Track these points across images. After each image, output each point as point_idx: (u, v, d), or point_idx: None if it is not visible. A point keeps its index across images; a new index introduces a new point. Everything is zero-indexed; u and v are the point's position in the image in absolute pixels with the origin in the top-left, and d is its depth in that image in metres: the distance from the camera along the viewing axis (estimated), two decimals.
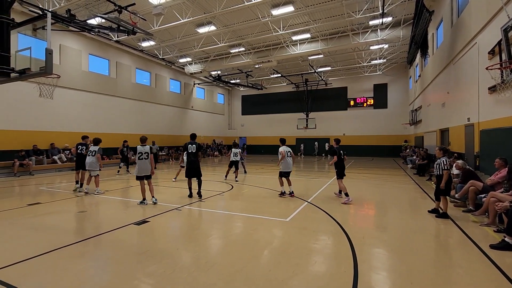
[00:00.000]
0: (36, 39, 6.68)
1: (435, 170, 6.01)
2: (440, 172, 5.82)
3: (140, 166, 6.98)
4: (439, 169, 5.85)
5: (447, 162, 5.80)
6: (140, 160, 6.97)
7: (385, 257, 3.93)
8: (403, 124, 24.69)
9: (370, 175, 13.05)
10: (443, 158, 5.84)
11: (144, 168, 6.99)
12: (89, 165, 8.26)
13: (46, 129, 14.70)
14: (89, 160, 8.26)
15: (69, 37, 15.86)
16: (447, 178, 5.69)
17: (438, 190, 5.89)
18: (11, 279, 3.16)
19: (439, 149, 6.04)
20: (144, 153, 6.97)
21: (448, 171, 5.72)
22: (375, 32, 16.34)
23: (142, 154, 6.97)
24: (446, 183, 5.70)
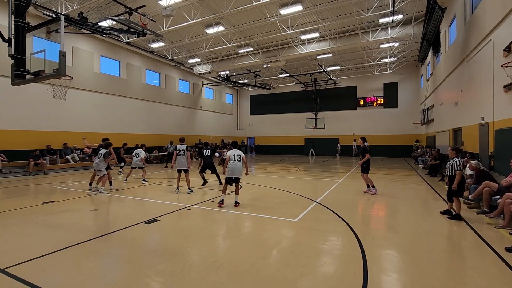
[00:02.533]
0: (50, 41, 6.84)
1: (448, 170, 5.87)
2: (452, 172, 5.69)
3: (178, 161, 8.36)
4: (451, 169, 5.72)
5: (460, 163, 5.66)
6: (178, 156, 8.37)
7: (395, 259, 3.87)
8: (414, 124, 24.23)
9: (380, 175, 12.86)
10: (456, 159, 5.70)
11: (181, 162, 8.35)
12: (96, 166, 8.59)
13: (59, 129, 15.07)
14: (95, 161, 8.67)
15: (81, 39, 16.21)
16: (459, 178, 5.56)
17: (450, 191, 5.76)
18: (27, 275, 3.26)
19: (452, 149, 5.90)
20: (182, 150, 8.39)
21: (461, 171, 5.59)
22: (385, 30, 16.09)
23: (180, 151, 8.39)
24: (459, 184, 5.56)
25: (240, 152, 6.95)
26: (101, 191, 8.46)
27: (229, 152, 7.01)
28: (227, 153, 7.06)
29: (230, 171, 6.76)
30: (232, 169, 6.76)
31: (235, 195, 6.93)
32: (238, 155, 6.87)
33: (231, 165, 6.75)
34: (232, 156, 6.83)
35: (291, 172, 14.35)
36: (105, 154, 8.57)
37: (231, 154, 6.87)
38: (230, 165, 6.76)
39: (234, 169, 6.77)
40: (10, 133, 13.06)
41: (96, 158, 8.66)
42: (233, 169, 6.76)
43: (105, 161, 8.59)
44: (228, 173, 6.78)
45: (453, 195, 5.70)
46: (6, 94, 12.78)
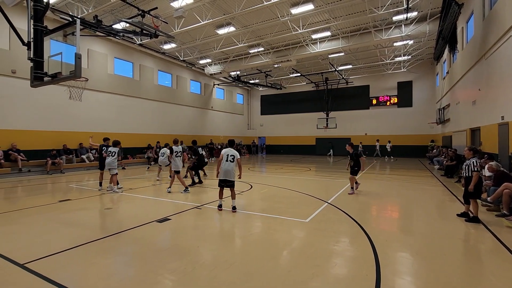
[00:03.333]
0: (66, 44, 7.05)
1: (464, 171, 5.69)
2: (469, 173, 5.50)
3: (174, 163, 8.48)
4: (468, 170, 5.53)
5: (478, 163, 5.47)
6: (177, 157, 8.46)
7: (410, 262, 3.77)
8: (429, 123, 23.60)
9: (394, 176, 12.60)
10: (473, 159, 5.51)
11: (177, 164, 8.47)
12: (108, 164, 8.71)
13: (75, 129, 15.51)
14: (109, 160, 8.71)
15: (96, 42, 16.64)
16: (476, 180, 5.37)
17: (467, 193, 5.57)
18: (45, 271, 3.37)
19: (469, 150, 5.71)
20: (179, 152, 8.54)
21: (478, 172, 5.39)
22: (399, 28, 15.74)
23: (178, 153, 8.52)
24: (476, 186, 5.38)
25: (234, 152, 6.27)
26: (115, 189, 8.64)
27: (222, 151, 6.32)
28: (221, 152, 6.34)
29: (222, 173, 6.20)
30: (224, 171, 6.16)
31: (232, 200, 6.36)
32: (231, 155, 6.19)
33: (223, 166, 6.17)
34: (225, 156, 6.18)
35: (302, 172, 14.25)
36: (119, 151, 8.82)
37: (224, 153, 6.22)
38: (222, 166, 6.18)
39: (226, 171, 6.15)
40: (29, 133, 13.55)
41: (109, 157, 8.73)
42: (224, 171, 6.15)
43: (118, 159, 8.81)
44: (220, 175, 6.22)
45: (470, 197, 5.52)
46: (26, 96, 13.27)
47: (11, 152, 12.60)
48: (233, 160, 6.21)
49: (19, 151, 12.87)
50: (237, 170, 6.38)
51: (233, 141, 6.74)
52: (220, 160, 6.21)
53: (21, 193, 8.95)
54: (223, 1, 13.45)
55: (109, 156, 8.74)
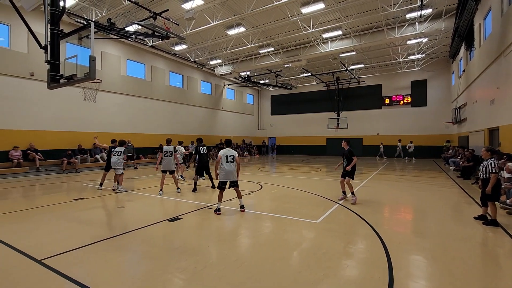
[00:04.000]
0: (81, 47, 7.24)
1: (481, 173, 5.49)
2: (486, 175, 5.31)
3: (165, 163, 8.32)
4: (485, 172, 5.34)
5: (496, 165, 5.27)
6: (165, 157, 8.31)
7: (424, 265, 3.67)
8: (444, 123, 22.94)
9: (408, 177, 12.32)
10: (491, 160, 5.32)
11: (168, 164, 8.31)
12: (114, 164, 8.78)
13: (90, 129, 15.90)
14: (114, 159, 8.79)
15: (109, 44, 17.02)
16: (494, 181, 5.17)
17: (484, 195, 5.38)
18: (61, 267, 3.47)
19: (486, 150, 5.52)
20: (169, 152, 8.34)
21: (496, 174, 5.20)
22: (413, 26, 15.39)
23: (167, 153, 8.33)
24: (494, 188, 5.18)
25: (233, 152, 6.17)
26: (120, 189, 8.75)
27: (220, 151, 6.16)
28: (219, 153, 6.17)
29: (223, 174, 6.06)
30: (226, 172, 6.05)
31: (239, 200, 6.31)
32: (231, 155, 6.09)
33: (223, 168, 6.05)
34: (225, 157, 6.07)
35: (313, 173, 14.13)
36: (124, 151, 8.94)
37: (223, 154, 6.09)
38: (222, 167, 6.06)
39: (228, 172, 6.05)
40: (46, 134, 14.00)
41: (115, 157, 8.77)
42: (226, 172, 6.05)
43: (123, 158, 8.94)
44: (221, 176, 6.08)
45: (488, 199, 5.33)
46: (43, 97, 13.72)
47: (30, 152, 13.06)
48: (233, 160, 6.12)
49: (37, 151, 13.31)
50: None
51: (230, 141, 6.67)
52: (219, 161, 6.08)
53: (38, 191, 9.25)
54: (233, 1, 13.50)
55: (115, 156, 8.80)
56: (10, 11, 11.63)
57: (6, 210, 6.39)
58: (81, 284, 3.06)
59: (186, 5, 12.97)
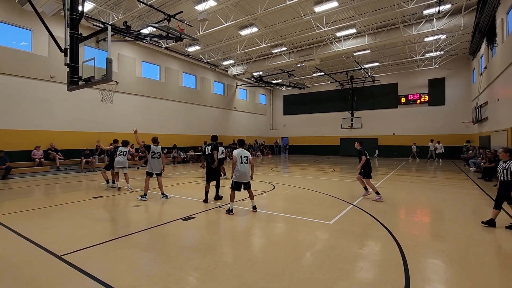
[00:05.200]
0: (99, 50, 7.46)
1: (500, 174, 5.22)
2: (507, 177, 5.06)
3: (152, 164, 7.63)
4: (507, 174, 5.08)
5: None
6: (152, 159, 7.62)
7: (442, 269, 3.55)
8: (464, 123, 22.11)
9: (426, 178, 11.96)
10: (511, 162, 5.07)
11: (155, 166, 7.66)
12: (120, 163, 8.88)
13: (106, 130, 16.36)
14: (120, 159, 8.86)
15: (125, 46, 17.46)
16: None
17: (501, 197, 5.15)
18: (80, 263, 3.59)
19: (505, 151, 5.27)
20: (157, 153, 7.67)
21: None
22: (430, 22, 14.92)
23: (155, 154, 7.65)
24: None
25: (247, 153, 6.18)
26: (130, 187, 8.99)
27: (235, 152, 6.12)
28: (233, 153, 6.14)
29: (238, 175, 6.04)
30: (240, 174, 6.03)
31: (251, 201, 6.31)
32: (245, 157, 6.09)
33: (238, 169, 6.04)
34: (239, 157, 6.04)
35: (326, 173, 13.96)
36: (129, 151, 9.02)
37: (238, 155, 6.05)
38: (237, 168, 6.03)
39: (242, 173, 6.04)
40: (65, 134, 14.52)
41: (121, 156, 8.87)
42: (241, 174, 6.03)
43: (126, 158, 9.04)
44: (235, 177, 6.06)
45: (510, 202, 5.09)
46: (63, 99, 14.24)
47: (50, 151, 13.60)
48: (247, 161, 6.13)
49: (57, 150, 13.84)
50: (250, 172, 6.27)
51: (243, 141, 6.72)
52: (235, 162, 6.04)
53: (58, 189, 9.61)
54: (246, 2, 13.54)
55: (120, 155, 8.88)
56: (32, 17, 12.15)
57: (29, 207, 6.68)
58: (98, 280, 3.15)
59: (199, 6, 13.13)
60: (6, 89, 12.58)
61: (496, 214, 5.23)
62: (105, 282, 3.10)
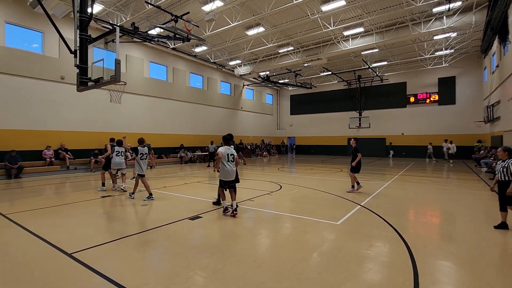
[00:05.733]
0: (107, 51, 7.56)
1: (500, 174, 5.04)
2: (506, 177, 4.90)
3: (142, 165, 7.58)
4: (506, 173, 4.92)
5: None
6: (141, 160, 7.56)
7: (452, 271, 3.49)
8: (475, 122, 21.65)
9: (435, 179, 11.75)
10: (510, 161, 4.92)
11: (144, 167, 7.61)
12: (119, 164, 8.66)
13: (115, 130, 16.57)
14: (120, 160, 8.62)
15: (133, 47, 17.67)
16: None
17: (504, 199, 4.96)
18: (89, 261, 3.64)
19: (503, 150, 5.10)
20: (145, 154, 7.62)
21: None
22: (440, 20, 14.66)
23: (143, 155, 7.60)
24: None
25: (233, 151, 5.97)
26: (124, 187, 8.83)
27: (221, 149, 5.82)
28: (218, 150, 5.85)
29: (225, 173, 5.81)
30: (227, 172, 5.82)
31: (232, 201, 5.90)
32: (231, 155, 5.87)
33: (226, 167, 5.80)
34: (226, 155, 5.80)
35: (333, 173, 13.86)
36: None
37: (224, 152, 5.78)
38: (222, 166, 5.80)
39: (228, 172, 5.83)
40: (75, 134, 14.78)
41: (118, 157, 8.55)
42: (228, 172, 5.82)
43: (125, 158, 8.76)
44: (223, 176, 5.84)
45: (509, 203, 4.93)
46: (72, 99, 14.50)
47: (61, 151, 13.87)
48: (234, 160, 5.92)
49: (67, 150, 14.10)
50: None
51: (228, 138, 6.16)
52: (220, 158, 5.74)
53: (68, 188, 9.78)
54: (253, 2, 13.54)
55: (119, 156, 8.57)
56: (43, 19, 12.40)
57: (40, 206, 6.82)
58: (107, 278, 3.20)
59: (206, 7, 13.19)
60: (19, 90, 12.88)
61: (505, 216, 5.08)
62: (114, 280, 3.14)
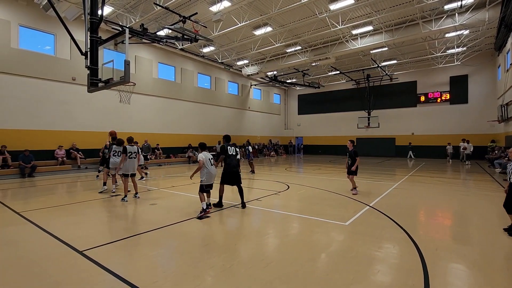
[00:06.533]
0: (117, 52, 7.68)
1: (509, 176, 4.89)
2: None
3: (128, 165, 7.45)
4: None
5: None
6: (130, 159, 7.44)
7: (464, 274, 3.41)
8: (489, 122, 21.12)
9: (447, 180, 11.52)
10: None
11: (133, 166, 7.52)
12: (117, 164, 8.14)
13: (124, 130, 16.79)
14: (118, 160, 8.11)
15: (142, 48, 17.90)
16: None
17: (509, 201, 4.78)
18: (100, 258, 3.71)
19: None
20: (134, 153, 7.54)
21: None
22: (452, 17, 14.34)
23: (132, 154, 7.50)
24: None
25: (211, 156, 6.41)
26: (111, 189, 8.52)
27: (201, 155, 6.17)
28: (199, 157, 6.20)
29: (207, 177, 6.13)
30: (210, 175, 6.19)
31: (207, 198, 6.31)
32: (212, 159, 6.32)
33: (208, 171, 6.14)
34: (208, 160, 6.17)
35: (342, 174, 13.74)
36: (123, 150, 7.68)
37: (206, 157, 6.13)
38: (207, 170, 6.12)
39: (212, 176, 6.24)
40: (86, 134, 15.07)
41: (115, 157, 8.16)
42: (211, 176, 6.20)
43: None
44: (205, 180, 6.16)
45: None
46: (83, 100, 14.80)
47: (72, 151, 14.16)
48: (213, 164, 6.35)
49: (78, 150, 14.39)
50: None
51: (204, 144, 6.60)
52: (201, 166, 6.06)
53: (79, 187, 9.98)
54: (260, 1, 13.54)
55: (115, 156, 8.18)
56: (55, 22, 12.70)
57: (53, 204, 6.98)
58: (117, 275, 3.25)
59: (214, 7, 13.24)
60: (32, 92, 13.22)
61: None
62: (123, 278, 3.18)
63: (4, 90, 12.44)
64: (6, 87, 12.49)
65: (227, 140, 7.00)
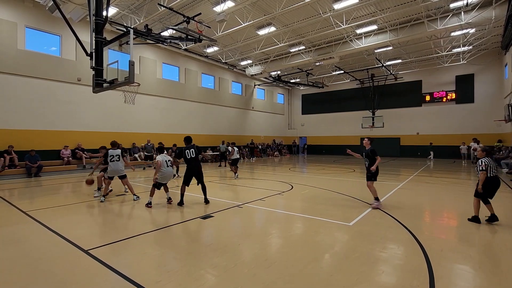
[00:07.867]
0: (121, 53, 7.73)
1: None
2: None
3: (113, 167, 7.46)
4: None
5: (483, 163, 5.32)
6: (112, 162, 7.45)
7: (470, 275, 3.37)
8: (496, 121, 20.84)
9: (452, 180, 11.40)
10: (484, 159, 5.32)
11: (116, 169, 7.50)
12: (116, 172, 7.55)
13: (129, 130, 16.97)
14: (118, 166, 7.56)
15: (146, 49, 18.01)
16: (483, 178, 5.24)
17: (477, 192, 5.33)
18: (105, 257, 3.74)
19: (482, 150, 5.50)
20: (116, 156, 7.53)
21: (484, 172, 5.20)
22: (458, 16, 14.18)
23: (114, 157, 7.50)
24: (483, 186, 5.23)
25: (169, 157, 7.20)
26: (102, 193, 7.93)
27: (159, 157, 6.94)
28: (156, 158, 7.02)
29: (164, 177, 6.94)
30: (165, 176, 6.97)
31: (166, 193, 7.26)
32: (169, 160, 7.09)
33: (165, 171, 6.92)
34: (164, 162, 6.93)
35: (346, 174, 13.68)
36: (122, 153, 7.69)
37: (162, 159, 6.90)
38: (164, 171, 6.89)
39: (168, 176, 7.08)
40: (91, 134, 15.20)
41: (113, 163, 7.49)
42: (165, 176, 6.99)
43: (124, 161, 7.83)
44: (161, 178, 6.92)
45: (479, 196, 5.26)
46: (88, 101, 14.94)
47: (77, 151, 14.29)
48: (171, 164, 7.19)
49: (83, 150, 14.51)
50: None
51: (162, 147, 7.47)
52: (159, 166, 6.79)
53: (85, 187, 10.05)
54: (264, 1, 13.52)
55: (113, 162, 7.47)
56: (61, 23, 12.80)
57: (59, 204, 7.06)
58: (122, 274, 3.27)
59: (218, 7, 13.27)
60: (39, 92, 13.38)
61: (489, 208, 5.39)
62: (128, 277, 3.21)
63: (11, 90, 12.61)
64: (13, 87, 12.66)
65: (188, 142, 7.06)
